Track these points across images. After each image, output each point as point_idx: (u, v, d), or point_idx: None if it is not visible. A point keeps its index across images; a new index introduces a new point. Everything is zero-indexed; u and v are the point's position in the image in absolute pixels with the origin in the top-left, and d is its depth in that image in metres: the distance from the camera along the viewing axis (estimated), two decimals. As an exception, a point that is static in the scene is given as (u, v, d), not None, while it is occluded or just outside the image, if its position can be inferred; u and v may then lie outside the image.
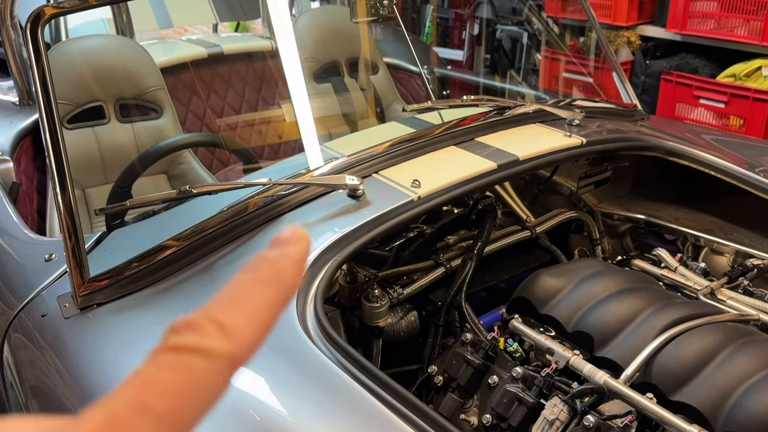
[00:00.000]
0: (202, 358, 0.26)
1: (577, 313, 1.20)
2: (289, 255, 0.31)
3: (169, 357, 0.26)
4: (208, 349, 0.27)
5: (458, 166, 1.36)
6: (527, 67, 3.82)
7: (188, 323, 0.27)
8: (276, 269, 0.30)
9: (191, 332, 0.27)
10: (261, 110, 2.69)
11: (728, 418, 0.97)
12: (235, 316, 0.28)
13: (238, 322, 0.28)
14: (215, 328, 0.27)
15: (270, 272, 0.30)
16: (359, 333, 1.31)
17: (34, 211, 2.03)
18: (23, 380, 1.17)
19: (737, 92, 3.15)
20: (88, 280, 1.15)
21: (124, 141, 2.17)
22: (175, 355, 0.26)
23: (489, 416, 1.09)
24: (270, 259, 0.30)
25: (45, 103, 1.17)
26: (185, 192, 1.21)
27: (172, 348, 0.27)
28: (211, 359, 0.27)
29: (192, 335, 0.27)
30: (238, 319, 0.28)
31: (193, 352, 0.26)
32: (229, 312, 0.28)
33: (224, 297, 0.29)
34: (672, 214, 1.71)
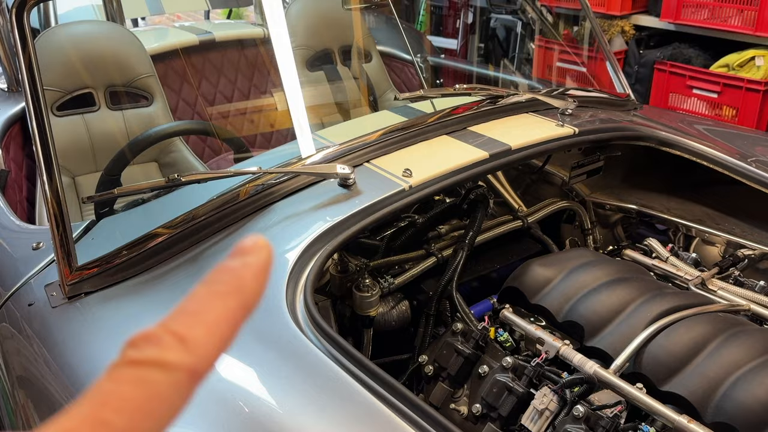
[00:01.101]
0: (161, 372, 0.26)
1: (567, 303, 1.20)
2: (250, 265, 0.30)
3: (128, 371, 0.26)
4: (167, 362, 0.26)
5: (450, 156, 1.35)
6: (521, 57, 3.81)
7: (147, 336, 0.27)
8: (237, 279, 0.29)
9: (150, 345, 0.26)
10: (253, 98, 2.67)
11: (717, 407, 0.97)
12: (195, 327, 0.27)
13: (197, 333, 0.27)
14: (174, 340, 0.27)
15: (230, 283, 0.29)
16: (350, 322, 1.31)
17: (23, 199, 2.01)
18: (10, 370, 1.16)
19: (730, 82, 3.15)
20: (75, 268, 1.14)
21: (114, 129, 2.15)
22: (134, 369, 0.26)
23: (479, 406, 1.09)
24: (231, 269, 0.30)
25: (31, 90, 1.16)
26: (174, 180, 1.20)
27: (131, 362, 0.26)
28: (170, 372, 0.26)
29: (151, 348, 0.26)
30: (198, 331, 0.27)
31: (152, 366, 0.26)
32: (188, 324, 0.27)
33: (183, 309, 0.28)
34: (664, 204, 1.71)
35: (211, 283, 0.29)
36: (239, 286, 0.29)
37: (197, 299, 0.29)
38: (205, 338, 0.27)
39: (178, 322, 0.27)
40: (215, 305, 0.28)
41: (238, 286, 0.29)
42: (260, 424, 0.83)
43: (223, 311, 0.28)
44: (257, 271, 0.30)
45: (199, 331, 0.27)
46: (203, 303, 0.29)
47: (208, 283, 0.29)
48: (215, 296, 0.29)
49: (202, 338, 0.27)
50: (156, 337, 0.27)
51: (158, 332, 0.27)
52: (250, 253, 0.30)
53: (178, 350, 0.26)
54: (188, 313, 0.28)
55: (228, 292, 0.29)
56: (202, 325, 0.28)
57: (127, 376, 0.26)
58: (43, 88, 1.18)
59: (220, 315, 0.28)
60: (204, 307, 0.28)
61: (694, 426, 0.93)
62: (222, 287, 0.29)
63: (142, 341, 0.27)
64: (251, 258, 0.30)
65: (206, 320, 0.28)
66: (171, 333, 0.27)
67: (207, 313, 0.28)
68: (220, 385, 0.88)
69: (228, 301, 0.29)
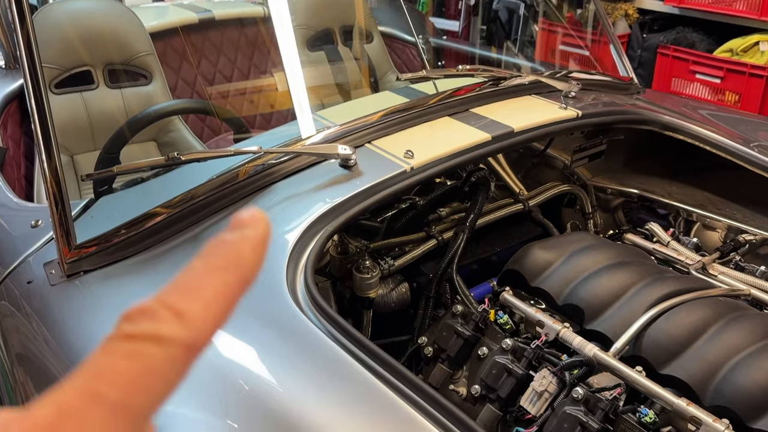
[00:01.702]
0: (157, 346, 0.25)
1: (567, 286, 1.20)
2: (248, 238, 0.30)
3: (123, 345, 0.25)
4: (163, 336, 0.26)
5: (452, 137, 1.34)
6: (524, 39, 3.77)
7: (142, 310, 0.26)
8: (234, 253, 0.29)
9: (146, 319, 0.26)
10: (253, 77, 2.64)
11: (717, 391, 0.98)
12: (192, 301, 0.27)
13: (194, 307, 0.27)
14: (170, 314, 0.26)
15: (228, 256, 0.29)
16: (350, 304, 1.31)
17: (21, 177, 2.00)
18: (9, 348, 1.16)
19: (733, 67, 3.13)
20: (74, 247, 1.14)
21: (112, 107, 2.14)
22: (129, 343, 0.25)
23: (478, 387, 1.09)
24: (228, 242, 0.29)
25: (30, 67, 1.14)
26: (174, 159, 1.19)
27: (126, 336, 0.26)
28: (166, 346, 0.26)
29: (146, 322, 0.26)
30: (195, 305, 0.27)
31: (147, 340, 0.26)
32: (185, 298, 0.27)
33: (180, 282, 0.28)
34: (665, 188, 1.71)
35: (209, 256, 0.29)
36: (237, 260, 0.29)
37: (194, 273, 0.28)
38: (201, 312, 0.27)
39: (175, 296, 0.27)
40: (212, 279, 0.28)
41: (236, 259, 0.29)
42: (260, 402, 0.83)
43: (220, 285, 0.28)
44: (255, 244, 0.30)
45: (195, 305, 0.27)
46: (200, 277, 0.28)
47: (206, 257, 0.29)
48: (213, 270, 0.28)
49: (199, 312, 0.27)
50: (152, 310, 0.26)
51: (154, 306, 0.27)
52: (247, 226, 0.30)
53: (174, 324, 0.26)
54: (185, 287, 0.28)
55: (226, 266, 0.29)
56: (199, 299, 0.27)
57: (122, 349, 0.25)
58: (42, 65, 1.17)
59: (218, 289, 0.28)
60: (201, 281, 0.28)
61: (692, 409, 0.93)
62: (219, 261, 0.29)
63: (137, 315, 0.26)
64: (249, 231, 0.30)
65: (203, 294, 0.27)
66: (167, 307, 0.27)
67: (204, 287, 0.28)
68: (220, 362, 0.88)
69: (225, 275, 0.28)
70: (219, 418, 0.83)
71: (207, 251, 0.29)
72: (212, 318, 0.27)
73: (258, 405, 0.83)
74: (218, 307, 0.28)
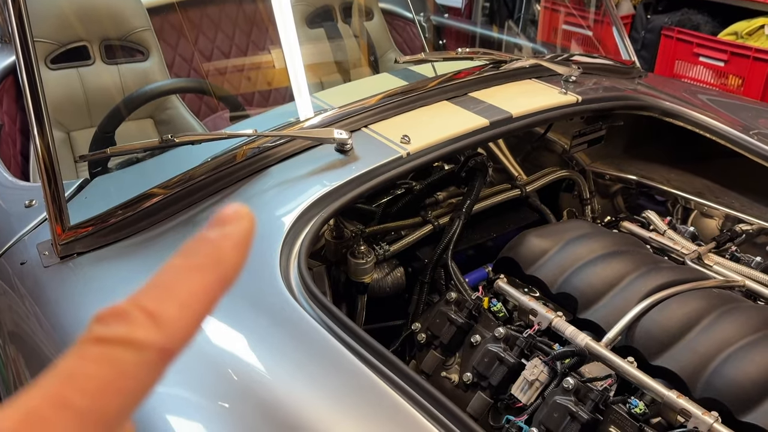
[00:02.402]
0: (129, 350, 0.24)
1: (562, 274, 1.20)
2: (230, 235, 0.28)
3: (94, 349, 0.24)
4: (136, 340, 0.25)
5: (450, 123, 1.33)
6: (526, 18, 3.73)
7: (115, 312, 0.25)
8: (215, 251, 0.28)
9: (119, 322, 0.25)
10: (251, 55, 2.61)
11: (707, 383, 0.98)
12: (167, 303, 0.26)
13: (169, 310, 0.26)
14: (144, 317, 0.25)
15: (208, 255, 0.28)
16: (344, 288, 1.31)
17: (17, 153, 1.99)
18: (2, 325, 1.16)
19: (738, 51, 3.10)
20: (68, 228, 1.13)
21: (109, 83, 2.12)
22: (101, 347, 0.24)
23: (470, 374, 1.10)
24: (209, 240, 0.28)
25: (21, 41, 1.12)
26: (168, 141, 1.18)
27: (98, 339, 0.25)
28: (139, 351, 0.25)
29: (119, 325, 0.25)
30: (170, 307, 0.26)
31: (120, 344, 0.24)
32: (160, 299, 0.26)
33: (156, 283, 0.27)
34: (664, 175, 1.70)
35: (187, 254, 0.28)
36: (217, 259, 0.28)
37: (171, 272, 0.27)
38: (177, 315, 0.26)
39: (149, 297, 0.26)
40: (190, 279, 0.27)
41: (216, 258, 0.28)
42: (250, 390, 0.83)
43: (198, 285, 0.27)
44: (237, 242, 0.28)
45: (171, 307, 0.26)
46: (177, 277, 0.27)
47: (184, 255, 0.28)
48: (191, 269, 0.27)
49: (174, 315, 0.26)
50: (125, 312, 0.25)
51: (127, 308, 0.25)
52: (230, 223, 0.29)
53: (147, 328, 0.25)
54: (161, 287, 0.26)
55: (205, 265, 0.27)
56: (175, 301, 0.26)
57: (93, 353, 0.24)
58: (33, 39, 1.14)
59: (195, 289, 0.27)
60: (178, 281, 0.27)
61: (682, 401, 0.93)
62: (198, 259, 0.27)
63: (110, 317, 0.25)
64: (231, 228, 0.29)
65: (179, 295, 0.26)
66: (141, 309, 0.25)
67: (181, 287, 0.27)
68: (211, 349, 0.88)
69: (204, 274, 0.27)
70: (210, 400, 0.83)
71: (186, 249, 0.28)
72: (188, 321, 0.26)
73: (249, 393, 0.83)
74: (195, 308, 0.27)
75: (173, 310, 0.26)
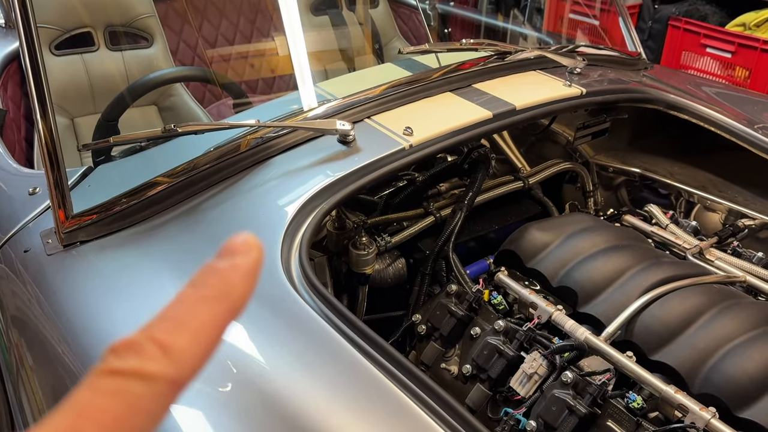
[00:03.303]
0: (142, 383, 0.25)
1: (563, 268, 1.20)
2: (238, 267, 0.29)
3: (108, 381, 0.25)
4: (148, 372, 0.26)
5: (453, 114, 1.33)
6: (533, 6, 3.70)
7: (129, 344, 0.26)
8: (224, 283, 0.29)
9: (132, 354, 0.26)
10: (255, 42, 2.60)
11: (705, 379, 0.98)
12: (178, 335, 0.27)
13: (181, 342, 0.27)
14: (156, 349, 0.26)
15: (217, 287, 0.29)
16: (346, 279, 1.31)
17: (21, 139, 1.99)
18: (4, 310, 1.18)
19: (745, 42, 3.07)
20: (72, 216, 1.14)
21: (113, 70, 2.12)
22: (115, 380, 0.25)
23: (469, 366, 1.10)
24: (218, 272, 0.29)
25: (25, 26, 1.12)
26: (171, 130, 1.18)
27: (112, 371, 0.25)
28: (151, 383, 0.25)
29: (132, 358, 0.26)
30: (181, 339, 0.27)
31: (132, 377, 0.25)
32: (171, 331, 0.27)
33: (167, 314, 0.28)
34: (668, 168, 1.69)
35: (198, 285, 0.29)
36: (226, 290, 0.29)
37: (182, 303, 0.28)
38: (188, 346, 0.27)
39: (161, 329, 0.27)
40: (200, 310, 0.28)
41: (226, 290, 0.29)
42: (249, 380, 0.84)
43: (208, 317, 0.28)
44: (246, 274, 0.29)
45: (182, 339, 0.27)
46: (188, 308, 0.28)
47: (195, 286, 0.29)
48: (201, 300, 0.28)
49: (186, 346, 0.27)
50: (138, 344, 0.26)
51: (140, 339, 0.26)
52: (239, 253, 0.30)
53: (159, 360, 0.26)
54: (172, 318, 0.27)
55: (214, 297, 0.28)
56: (186, 332, 0.27)
57: (106, 386, 0.25)
58: (37, 24, 1.14)
59: (206, 321, 0.28)
60: (189, 313, 0.28)
61: (680, 396, 0.94)
62: (208, 291, 0.28)
63: (123, 349, 0.26)
64: (240, 259, 0.29)
65: (191, 327, 0.27)
66: (153, 341, 0.26)
67: (192, 319, 0.27)
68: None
69: (214, 306, 0.28)
70: (210, 388, 0.83)
71: (196, 280, 0.29)
72: (199, 352, 0.27)
73: (247, 381, 0.83)
74: (206, 339, 0.27)
75: (184, 341, 0.27)
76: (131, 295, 1.02)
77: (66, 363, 0.99)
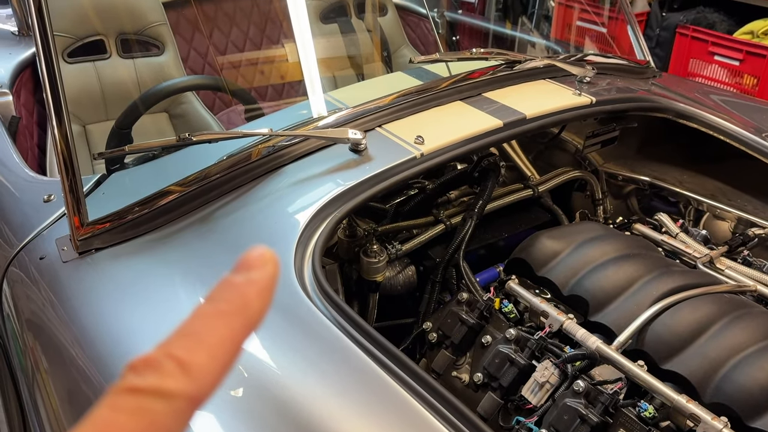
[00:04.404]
0: (161, 400, 0.25)
1: (573, 277, 1.20)
2: (255, 282, 0.29)
3: (127, 399, 0.25)
4: (167, 390, 0.26)
5: (463, 123, 1.33)
6: (540, 13, 3.71)
7: (147, 361, 0.26)
8: (240, 298, 0.29)
9: (151, 371, 0.26)
10: (265, 50, 2.62)
11: (717, 389, 0.99)
12: (196, 352, 0.27)
13: (199, 358, 0.27)
14: (175, 366, 0.26)
15: (234, 302, 0.28)
16: (356, 286, 1.32)
17: (34, 146, 2.01)
18: (20, 314, 1.19)
19: (753, 50, 3.07)
20: (87, 223, 1.15)
21: (125, 77, 2.14)
22: (133, 398, 0.25)
23: (480, 375, 1.11)
24: (235, 286, 0.29)
25: (41, 34, 1.13)
26: (185, 139, 1.20)
27: (131, 389, 0.25)
28: (171, 401, 0.25)
29: (151, 375, 0.26)
30: (200, 356, 0.27)
31: (152, 395, 0.25)
32: (189, 348, 0.27)
33: (185, 330, 0.28)
34: (677, 176, 1.70)
35: (215, 300, 0.29)
36: (243, 305, 0.29)
37: (200, 319, 0.28)
38: (206, 363, 0.27)
39: (180, 346, 0.27)
40: (218, 326, 0.28)
41: (242, 305, 0.29)
42: (261, 385, 0.85)
43: (226, 332, 0.28)
44: (262, 288, 0.29)
45: (200, 356, 0.27)
46: (205, 324, 0.28)
47: (212, 301, 0.29)
48: (218, 316, 0.28)
49: (204, 363, 0.27)
50: (156, 362, 0.26)
51: (159, 357, 0.26)
52: (255, 268, 0.30)
53: (178, 377, 0.26)
54: (190, 334, 0.27)
55: (232, 312, 0.28)
56: (204, 349, 0.27)
57: (126, 404, 0.25)
58: (53, 31, 1.16)
59: (223, 336, 0.28)
60: (206, 329, 0.28)
61: (692, 405, 0.94)
62: (225, 306, 0.28)
63: (142, 366, 0.26)
64: (256, 273, 0.29)
65: (209, 343, 0.27)
66: (172, 358, 0.26)
67: (209, 335, 0.27)
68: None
69: (231, 321, 0.28)
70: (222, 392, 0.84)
71: (213, 295, 0.29)
72: (217, 368, 0.27)
73: (259, 386, 0.84)
74: (223, 355, 0.27)
75: (202, 357, 0.27)
76: (145, 302, 1.03)
77: (81, 367, 1.00)
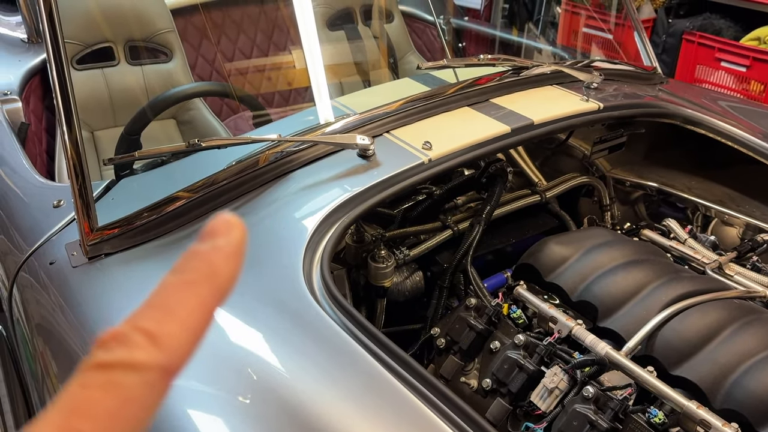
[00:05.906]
0: (132, 373, 0.25)
1: (582, 282, 1.20)
2: (220, 248, 0.28)
3: (97, 375, 0.25)
4: (137, 362, 0.25)
5: (471, 129, 1.34)
6: (546, 20, 3.72)
7: (115, 335, 0.26)
8: (207, 266, 0.28)
9: (118, 345, 0.25)
10: (272, 57, 2.64)
11: (727, 395, 0.98)
12: (165, 322, 0.26)
13: (168, 329, 0.26)
14: (144, 338, 0.25)
15: (201, 270, 0.28)
16: (364, 291, 1.32)
17: (43, 152, 2.02)
18: (30, 318, 1.19)
19: (760, 56, 3.07)
20: (96, 229, 1.15)
21: (133, 84, 2.15)
22: (104, 373, 0.25)
23: (489, 380, 1.10)
24: (200, 254, 0.28)
25: (52, 40, 1.13)
26: (194, 145, 1.20)
27: (100, 365, 0.25)
28: (142, 373, 0.25)
29: (119, 349, 0.25)
30: (169, 326, 0.26)
31: (122, 368, 0.25)
32: (158, 319, 0.26)
33: (152, 303, 0.27)
34: (685, 182, 1.69)
35: (181, 271, 0.28)
36: (210, 273, 0.28)
37: (166, 290, 0.27)
38: (176, 333, 0.26)
39: (147, 318, 0.26)
40: (186, 296, 0.27)
41: (210, 272, 0.28)
42: (270, 389, 0.85)
43: (194, 301, 0.27)
44: (229, 254, 0.28)
45: (169, 326, 0.26)
46: (173, 294, 0.27)
47: (177, 272, 0.28)
48: (185, 286, 0.27)
49: (174, 333, 0.26)
50: (124, 335, 0.26)
51: (126, 330, 0.26)
52: (220, 235, 0.29)
53: (147, 349, 0.25)
54: (157, 306, 0.27)
55: (199, 281, 0.28)
56: (173, 319, 0.26)
57: (96, 380, 0.25)
58: (64, 39, 1.16)
59: (192, 306, 0.27)
60: (174, 299, 0.27)
61: (702, 411, 0.94)
62: (192, 275, 0.28)
63: (110, 341, 0.25)
64: (222, 240, 0.29)
65: (176, 312, 0.27)
66: (140, 330, 0.26)
67: (177, 304, 0.27)
68: (233, 350, 0.90)
69: (199, 289, 0.27)
70: (231, 396, 0.84)
71: (179, 265, 0.28)
72: (188, 337, 0.27)
73: (268, 390, 0.84)
74: (193, 324, 0.27)
75: (172, 328, 0.26)
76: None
77: (90, 373, 1.00)
